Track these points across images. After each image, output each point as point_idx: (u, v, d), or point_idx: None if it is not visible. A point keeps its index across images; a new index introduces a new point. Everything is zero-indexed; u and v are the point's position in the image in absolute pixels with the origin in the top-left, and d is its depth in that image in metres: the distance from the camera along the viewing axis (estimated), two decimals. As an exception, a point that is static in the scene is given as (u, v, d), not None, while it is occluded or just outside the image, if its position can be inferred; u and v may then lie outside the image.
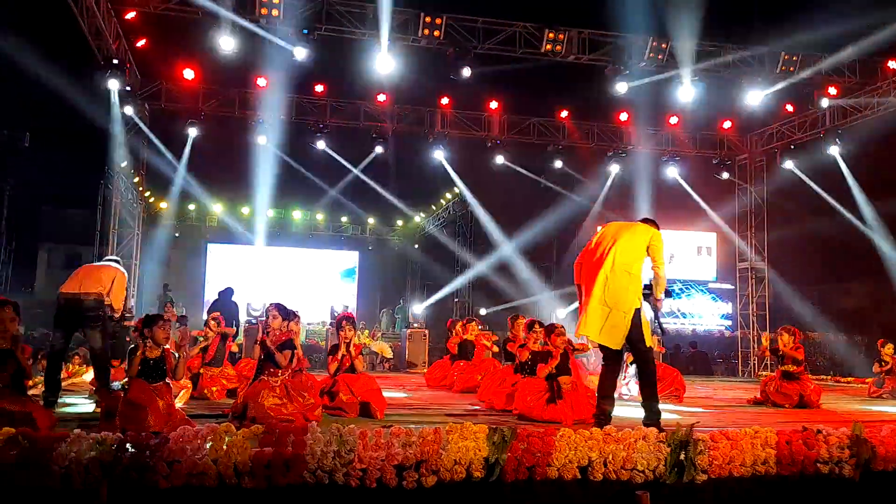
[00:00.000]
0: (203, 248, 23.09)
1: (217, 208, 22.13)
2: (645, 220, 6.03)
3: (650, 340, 5.80)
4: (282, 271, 22.19)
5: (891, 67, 12.95)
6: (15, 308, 5.34)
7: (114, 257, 7.99)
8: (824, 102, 13.46)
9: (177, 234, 22.36)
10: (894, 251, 15.35)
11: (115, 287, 6.88)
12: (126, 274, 7.39)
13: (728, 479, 4.66)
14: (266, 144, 14.93)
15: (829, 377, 15.21)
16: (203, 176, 19.41)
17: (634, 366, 7.15)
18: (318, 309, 20.77)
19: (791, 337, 9.02)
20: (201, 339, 8.35)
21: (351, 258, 24.53)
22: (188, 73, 13.25)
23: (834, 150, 14.46)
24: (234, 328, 9.90)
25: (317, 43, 11.47)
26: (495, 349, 10.18)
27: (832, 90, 13.39)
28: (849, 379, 14.20)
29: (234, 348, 8.81)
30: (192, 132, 14.18)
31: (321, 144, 14.94)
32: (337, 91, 14.74)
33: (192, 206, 21.97)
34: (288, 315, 6.45)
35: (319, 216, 23.67)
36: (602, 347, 5.77)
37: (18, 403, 4.98)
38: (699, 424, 4.84)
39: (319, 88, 14.34)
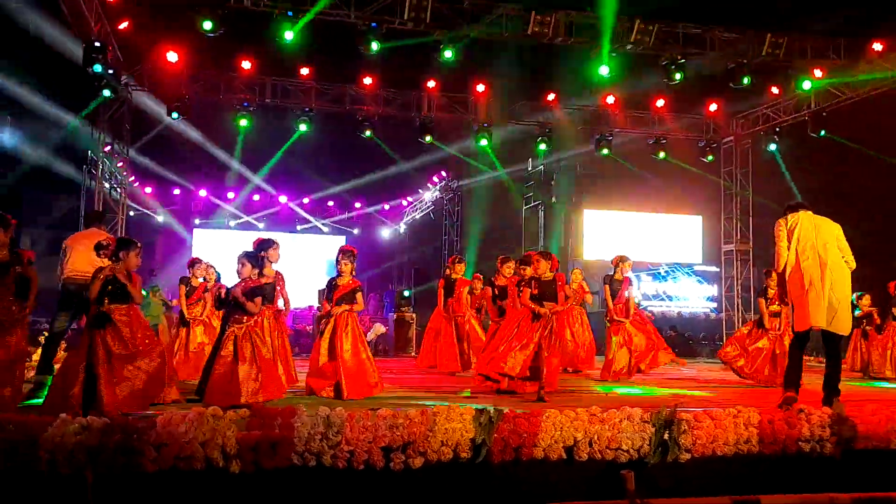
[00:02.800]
0: (189, 233, 22.96)
1: (202, 193, 22.03)
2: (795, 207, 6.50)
3: None
4: (268, 256, 22.05)
5: (875, 49, 12.98)
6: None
7: (97, 218, 7.75)
8: (807, 85, 13.54)
9: (161, 219, 22.25)
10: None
11: None
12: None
13: (711, 457, 4.72)
14: (250, 128, 14.79)
15: (814, 358, 15.36)
16: (188, 160, 19.35)
17: None
18: (306, 294, 20.72)
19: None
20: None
21: (338, 242, 24.46)
22: (172, 56, 13.10)
23: (819, 133, 14.53)
24: None
25: (302, 25, 11.39)
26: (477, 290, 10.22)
27: (817, 72, 13.44)
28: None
29: None
30: (176, 116, 14.03)
31: (305, 127, 14.83)
32: (322, 74, 14.63)
33: (177, 191, 21.85)
34: (258, 261, 6.41)
35: (305, 200, 23.57)
36: (800, 336, 6.18)
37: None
38: (682, 404, 4.89)
39: (305, 72, 14.23)
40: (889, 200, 16.06)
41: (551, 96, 15.33)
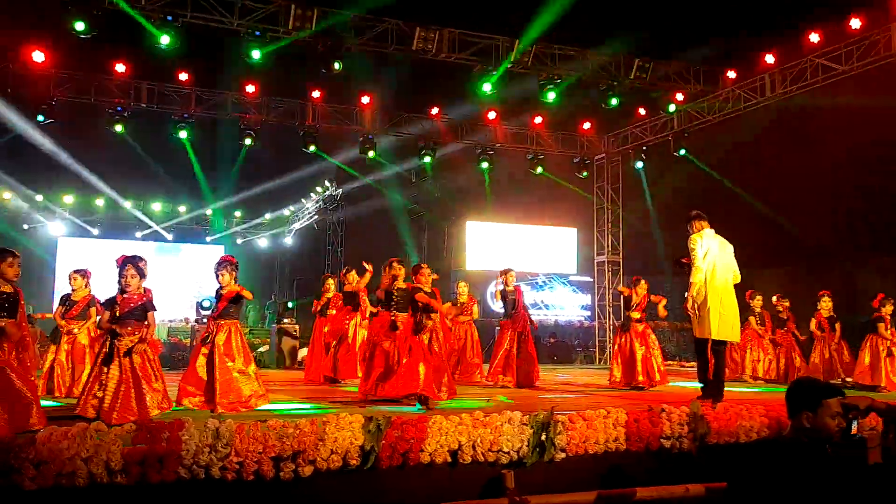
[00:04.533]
0: (53, 243, 21.69)
1: (69, 199, 20.88)
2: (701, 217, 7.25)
3: None
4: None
5: (730, 77, 14.17)
6: None
7: None
8: (671, 107, 14.58)
9: (25, 227, 20.91)
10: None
11: None
12: None
13: (584, 455, 5.08)
14: (124, 134, 14.22)
15: (676, 362, 16.50)
16: (53, 165, 18.30)
17: None
18: (182, 306, 20.12)
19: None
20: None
21: (216, 252, 23.80)
22: (38, 56, 12.39)
23: (682, 151, 15.63)
24: None
25: (182, 30, 11.14)
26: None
27: (679, 96, 14.49)
28: (693, 364, 15.45)
29: None
30: (42, 118, 13.29)
31: (184, 135, 14.43)
32: (203, 81, 14.31)
33: (39, 198, 20.59)
34: (144, 275, 6.27)
35: (182, 208, 22.81)
36: (719, 343, 6.98)
37: None
38: (558, 407, 5.23)
39: (184, 77, 13.85)
40: (733, 216, 17.44)
41: (435, 110, 15.67)
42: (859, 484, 3.59)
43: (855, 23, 11.65)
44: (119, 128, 13.73)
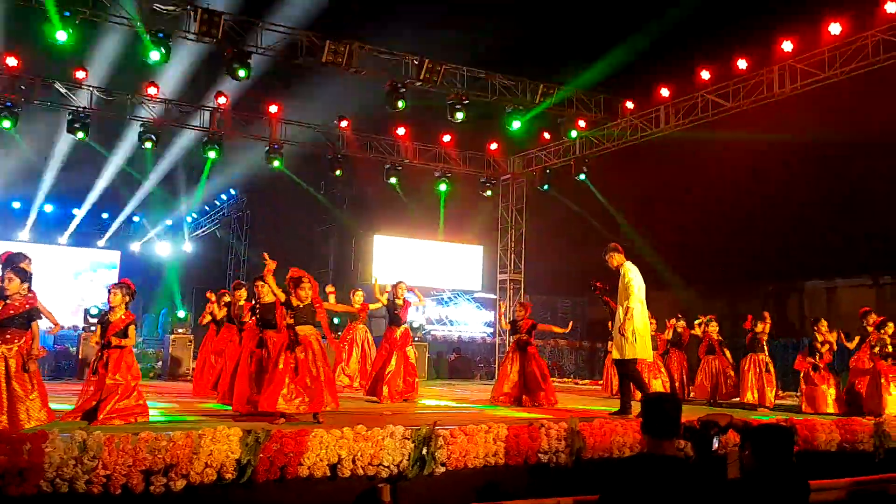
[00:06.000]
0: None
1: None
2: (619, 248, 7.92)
3: None
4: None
5: (627, 107, 14.82)
6: None
7: None
8: (573, 133, 15.10)
9: None
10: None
11: None
12: None
13: (464, 469, 5.19)
14: (12, 130, 13.53)
15: (571, 379, 16.99)
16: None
17: None
18: (71, 312, 19.19)
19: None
20: None
21: (111, 257, 22.87)
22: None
23: (582, 176, 16.18)
24: None
25: (80, 27, 10.76)
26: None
27: (581, 122, 15.02)
28: (585, 381, 15.98)
29: None
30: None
31: (82, 135, 13.85)
32: (101, 79, 13.80)
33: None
34: (27, 275, 6.02)
35: (76, 210, 21.81)
36: (633, 362, 7.71)
37: None
38: (440, 422, 5.32)
39: (81, 75, 13.32)
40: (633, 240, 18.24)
41: (344, 123, 15.65)
42: (719, 498, 3.81)
43: (741, 63, 12.44)
44: (7, 123, 13.06)
